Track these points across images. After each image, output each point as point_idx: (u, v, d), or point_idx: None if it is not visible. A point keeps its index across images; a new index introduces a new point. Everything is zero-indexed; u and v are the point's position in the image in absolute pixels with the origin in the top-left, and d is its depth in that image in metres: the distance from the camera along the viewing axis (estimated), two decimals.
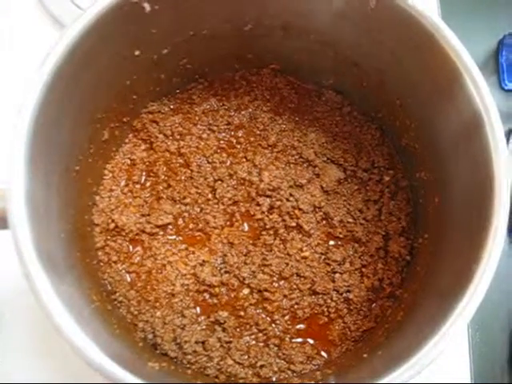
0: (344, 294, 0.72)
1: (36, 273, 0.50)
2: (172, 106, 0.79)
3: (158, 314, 0.70)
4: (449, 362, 0.80)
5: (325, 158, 0.77)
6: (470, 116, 0.55)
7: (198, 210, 0.75)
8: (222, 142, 0.79)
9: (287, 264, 0.72)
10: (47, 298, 0.50)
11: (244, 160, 0.77)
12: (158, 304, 0.70)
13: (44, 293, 0.50)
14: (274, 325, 0.71)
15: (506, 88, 0.95)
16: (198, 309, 0.71)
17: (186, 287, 0.71)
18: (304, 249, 0.73)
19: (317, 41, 0.72)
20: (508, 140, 0.90)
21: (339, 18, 0.65)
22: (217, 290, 0.72)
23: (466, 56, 0.55)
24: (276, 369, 0.69)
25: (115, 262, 0.72)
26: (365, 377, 0.57)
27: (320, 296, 0.72)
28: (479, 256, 0.53)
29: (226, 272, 0.72)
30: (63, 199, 0.62)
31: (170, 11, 0.63)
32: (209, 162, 0.77)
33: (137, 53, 0.66)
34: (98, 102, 0.67)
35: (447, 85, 0.58)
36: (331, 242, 0.75)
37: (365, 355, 0.64)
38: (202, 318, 0.71)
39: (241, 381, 0.68)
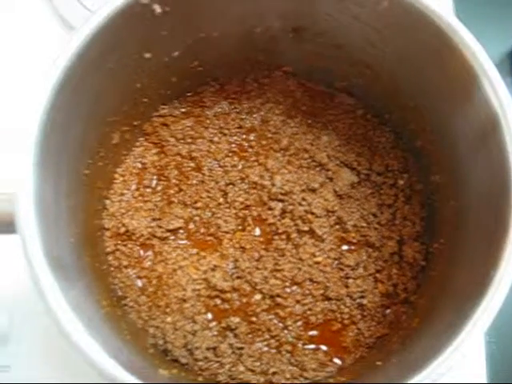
0: (358, 300, 0.71)
1: (45, 278, 0.49)
2: (183, 110, 0.79)
3: (169, 319, 0.69)
4: (464, 368, 0.79)
5: (338, 162, 0.76)
6: (487, 119, 0.54)
7: (210, 214, 0.74)
8: (233, 145, 0.78)
9: (300, 269, 0.71)
10: (56, 304, 0.49)
11: (256, 164, 0.76)
12: (168, 309, 0.69)
13: (53, 298, 0.49)
14: (286, 331, 0.70)
15: None
16: (210, 314, 0.70)
17: (197, 292, 0.70)
18: (317, 254, 0.72)
19: (329, 43, 0.70)
20: None
21: (351, 19, 0.64)
22: (228, 295, 0.70)
23: (483, 56, 0.54)
24: (288, 376, 0.68)
25: (126, 267, 0.71)
26: None
27: (333, 302, 0.71)
28: (498, 261, 0.51)
29: (237, 277, 0.71)
30: (73, 203, 0.61)
31: (181, 13, 0.63)
32: (220, 166, 0.76)
33: (147, 55, 0.66)
34: (108, 105, 0.66)
35: (463, 86, 0.56)
36: (344, 247, 0.73)
37: (379, 363, 0.62)
38: (214, 323, 0.70)
39: None
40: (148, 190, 0.75)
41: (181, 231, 0.74)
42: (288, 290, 0.71)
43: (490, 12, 0.99)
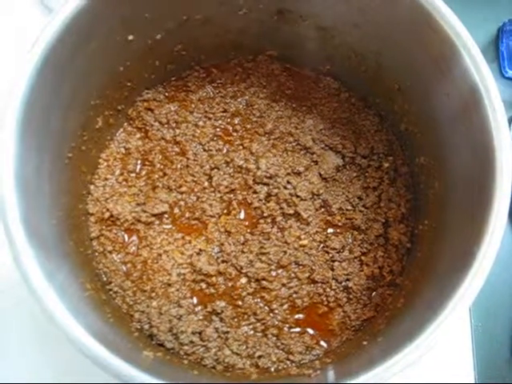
0: (343, 283, 0.71)
1: (26, 258, 0.49)
2: (167, 94, 0.78)
3: (154, 304, 0.68)
4: (451, 354, 0.79)
5: (323, 145, 0.76)
6: (467, 91, 0.54)
7: (195, 198, 0.74)
8: (218, 129, 0.77)
9: (285, 252, 0.71)
10: (37, 283, 0.49)
11: (241, 147, 0.76)
12: (154, 294, 0.69)
13: (34, 277, 0.49)
14: (272, 314, 0.70)
15: (506, 75, 0.94)
16: (195, 299, 0.70)
17: (182, 277, 0.70)
18: (302, 237, 0.72)
19: (313, 25, 0.70)
20: (509, 128, 0.88)
21: (335, 0, 0.64)
22: (214, 279, 0.70)
23: (465, 34, 0.54)
24: (274, 359, 0.67)
25: (110, 252, 0.71)
26: (363, 364, 0.55)
27: (319, 285, 0.71)
28: (481, 239, 0.52)
29: (223, 261, 0.71)
30: (55, 186, 0.61)
31: None
32: (205, 150, 0.76)
33: (130, 37, 0.65)
34: (91, 88, 0.66)
35: (446, 64, 0.57)
36: (330, 230, 0.73)
37: (364, 343, 0.62)
38: (199, 307, 0.70)
39: (238, 371, 0.66)
40: (132, 174, 0.75)
41: (166, 216, 0.73)
42: (273, 273, 0.71)
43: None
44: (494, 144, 0.53)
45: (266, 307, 0.70)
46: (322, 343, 0.69)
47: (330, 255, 0.72)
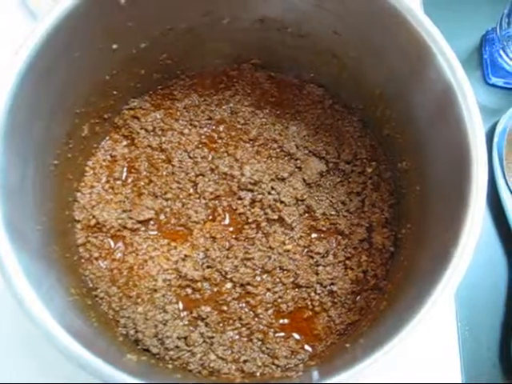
0: (328, 287, 0.71)
1: (10, 262, 0.50)
2: (153, 102, 0.79)
3: (140, 309, 0.69)
4: (438, 358, 0.79)
5: (306, 151, 0.77)
6: (443, 93, 0.55)
7: (180, 205, 0.74)
8: (203, 137, 0.78)
9: (270, 257, 0.72)
10: (20, 286, 0.50)
11: (225, 154, 0.77)
12: (139, 300, 0.69)
13: (17, 281, 0.50)
14: (257, 319, 0.70)
15: (490, 82, 0.95)
16: (181, 304, 0.71)
17: (168, 282, 0.71)
18: (287, 242, 0.73)
19: (295, 33, 0.72)
20: (493, 134, 0.89)
21: (314, 7, 0.65)
22: (199, 284, 0.71)
23: (439, 37, 0.56)
24: (260, 363, 0.68)
25: (96, 259, 0.71)
26: (344, 365, 0.56)
27: (304, 289, 0.71)
28: (457, 238, 0.52)
29: (208, 267, 0.72)
30: (41, 193, 0.62)
31: (146, 4, 0.63)
32: (190, 157, 0.77)
33: (114, 46, 0.66)
34: (76, 96, 0.67)
35: (420, 65, 0.58)
36: (314, 235, 0.74)
37: (347, 345, 0.63)
38: (185, 313, 0.70)
39: (224, 376, 0.67)
40: (118, 182, 0.76)
41: (151, 222, 0.74)
42: (258, 278, 0.72)
43: (459, 8, 1.00)
44: (470, 146, 0.53)
45: (251, 312, 0.71)
46: (307, 347, 0.70)
47: (315, 260, 0.72)
